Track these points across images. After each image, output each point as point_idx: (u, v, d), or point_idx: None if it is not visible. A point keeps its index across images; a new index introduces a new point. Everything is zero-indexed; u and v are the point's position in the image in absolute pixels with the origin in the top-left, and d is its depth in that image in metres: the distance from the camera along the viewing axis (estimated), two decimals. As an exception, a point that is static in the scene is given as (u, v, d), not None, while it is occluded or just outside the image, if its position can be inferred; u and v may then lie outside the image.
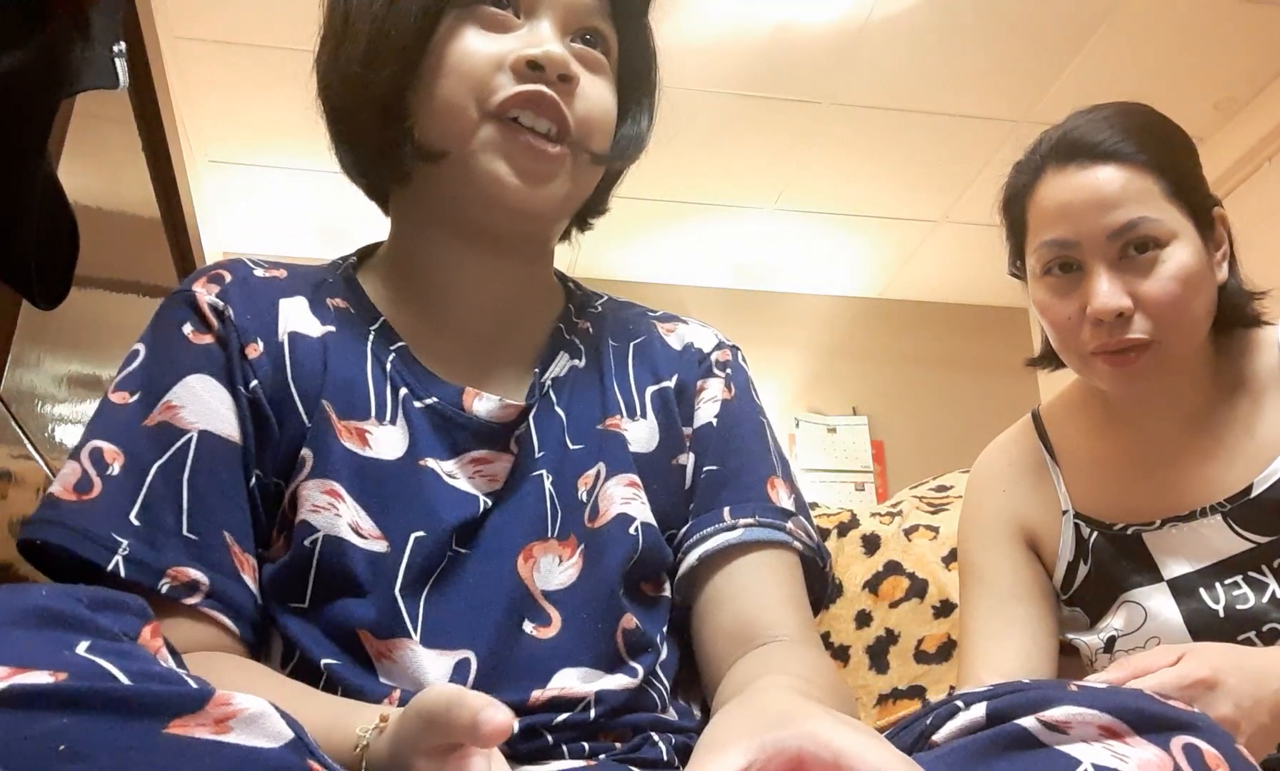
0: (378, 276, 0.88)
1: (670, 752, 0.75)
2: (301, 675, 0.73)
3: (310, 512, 0.74)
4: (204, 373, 0.77)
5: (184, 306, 0.81)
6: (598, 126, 0.82)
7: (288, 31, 3.14)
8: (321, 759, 0.48)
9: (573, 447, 0.83)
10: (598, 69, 0.83)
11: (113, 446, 0.74)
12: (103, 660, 0.45)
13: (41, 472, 1.04)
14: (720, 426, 0.89)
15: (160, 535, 0.71)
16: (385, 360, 0.82)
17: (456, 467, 0.79)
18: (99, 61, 0.90)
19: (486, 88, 0.78)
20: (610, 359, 0.90)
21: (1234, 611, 1.06)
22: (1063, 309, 1.09)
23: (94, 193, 1.15)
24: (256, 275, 0.84)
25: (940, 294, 4.84)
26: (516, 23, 0.80)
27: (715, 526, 0.84)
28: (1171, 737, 0.52)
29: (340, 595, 0.74)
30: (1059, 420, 1.24)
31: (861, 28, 3.22)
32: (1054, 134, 1.12)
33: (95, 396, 1.22)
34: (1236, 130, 3.58)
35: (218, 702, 0.45)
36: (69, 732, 0.42)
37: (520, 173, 0.78)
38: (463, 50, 0.78)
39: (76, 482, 0.72)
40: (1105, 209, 1.05)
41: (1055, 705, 0.53)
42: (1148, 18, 3.16)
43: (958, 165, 3.85)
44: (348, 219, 4.18)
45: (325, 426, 0.77)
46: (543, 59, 0.77)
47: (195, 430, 0.75)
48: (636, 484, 0.82)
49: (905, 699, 1.44)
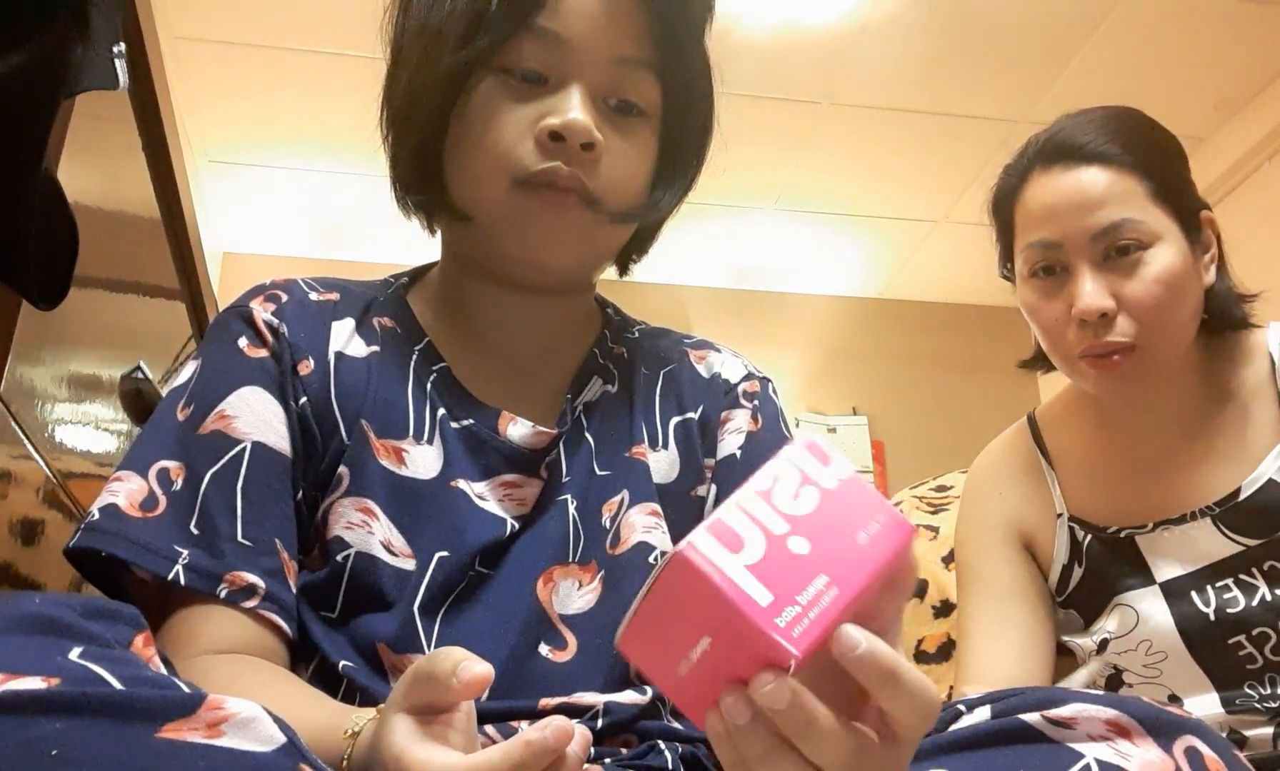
0: (425, 297, 0.91)
1: (676, 760, 0.75)
2: (323, 681, 0.74)
3: (345, 529, 0.76)
4: (258, 385, 0.79)
5: (240, 321, 0.83)
6: (622, 190, 0.82)
7: (288, 31, 3.14)
8: (313, 761, 0.48)
9: (600, 473, 0.84)
10: (629, 131, 0.82)
11: (177, 464, 0.76)
12: (95, 665, 0.45)
13: (41, 472, 1.04)
14: (744, 458, 0.89)
15: (218, 541, 0.73)
16: (426, 380, 0.83)
17: (487, 490, 0.80)
18: (99, 62, 0.90)
19: (510, 159, 0.78)
20: (640, 387, 0.90)
21: (1224, 614, 1.06)
22: (1049, 311, 1.09)
23: (94, 193, 1.15)
24: (311, 298, 0.86)
25: (940, 294, 4.84)
26: (545, 88, 0.79)
27: None
28: (1174, 740, 0.53)
29: (366, 610, 0.75)
30: (1054, 423, 1.24)
31: (861, 28, 3.22)
32: (1041, 137, 1.12)
33: (95, 396, 1.22)
34: (1236, 130, 3.58)
35: (210, 707, 0.45)
36: (61, 738, 0.42)
37: (539, 244, 0.80)
38: (487, 121, 0.79)
39: (143, 501, 0.74)
40: (1089, 210, 1.05)
41: (1061, 704, 0.54)
42: (1148, 18, 3.16)
43: (958, 165, 3.85)
44: (348, 219, 4.20)
45: (363, 445, 0.79)
46: (563, 129, 0.77)
47: (249, 440, 0.77)
48: (658, 513, 0.83)
49: (904, 699, 1.43)
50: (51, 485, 1.06)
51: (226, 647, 0.71)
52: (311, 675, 0.75)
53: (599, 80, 0.80)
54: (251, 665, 0.71)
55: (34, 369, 1.01)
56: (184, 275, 1.62)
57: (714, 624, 0.45)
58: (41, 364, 1.03)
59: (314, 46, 3.20)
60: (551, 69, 0.79)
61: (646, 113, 0.83)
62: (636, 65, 0.81)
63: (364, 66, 0.88)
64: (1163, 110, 1.15)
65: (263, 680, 0.69)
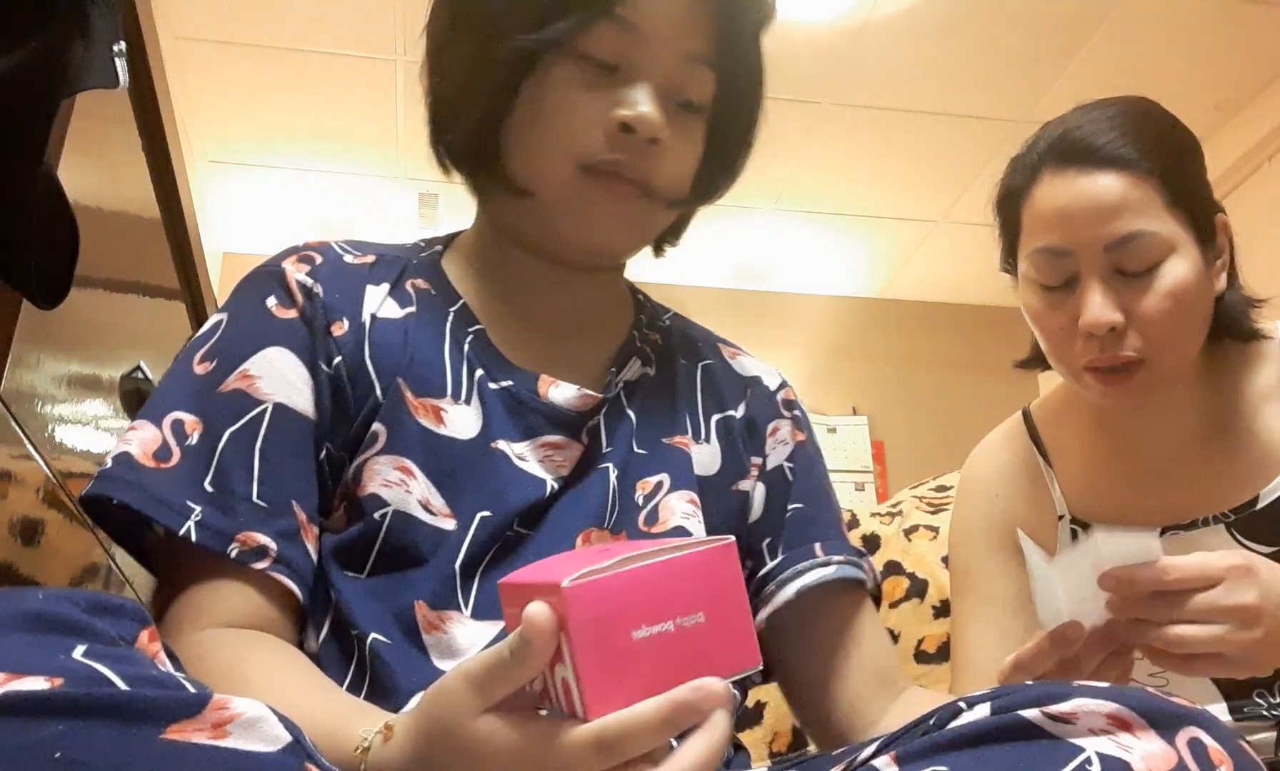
0: (461, 260, 0.91)
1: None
2: (340, 645, 0.74)
3: (381, 487, 0.76)
4: (284, 346, 0.79)
5: (271, 280, 0.83)
6: (678, 183, 0.84)
7: (288, 32, 3.14)
8: (319, 762, 0.48)
9: (638, 451, 0.84)
10: (687, 127, 0.84)
11: (192, 417, 0.76)
12: (99, 665, 0.45)
13: (41, 472, 1.03)
14: (799, 468, 0.93)
15: (232, 501, 0.73)
16: (463, 341, 0.84)
17: (528, 450, 0.81)
18: (99, 61, 0.90)
19: (579, 144, 0.79)
20: (681, 377, 0.92)
21: None
22: (1054, 319, 1.05)
23: (94, 193, 1.15)
24: (346, 260, 0.87)
25: (940, 294, 4.84)
26: (615, 77, 0.80)
27: (809, 562, 0.88)
28: (1177, 732, 0.52)
29: (401, 568, 0.75)
30: (1051, 420, 1.20)
31: (861, 28, 3.22)
32: (1054, 131, 1.07)
33: (95, 396, 1.22)
34: (1236, 130, 3.58)
35: (215, 707, 0.45)
36: (64, 739, 0.42)
37: (596, 229, 0.82)
38: (558, 104, 0.80)
39: (157, 450, 0.74)
40: (1103, 219, 1.00)
41: (1061, 700, 0.53)
42: (1148, 18, 3.16)
43: (958, 165, 3.85)
44: (348, 219, 4.19)
45: (399, 403, 0.79)
46: (635, 122, 0.78)
47: (271, 402, 0.77)
48: (696, 503, 0.84)
49: (905, 699, 1.43)
50: (51, 485, 1.05)
51: (234, 620, 0.71)
52: (325, 637, 0.75)
53: (667, 75, 0.81)
54: (257, 643, 0.71)
55: (34, 369, 1.01)
56: (184, 275, 1.62)
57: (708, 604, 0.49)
58: (41, 364, 1.03)
59: (314, 46, 3.20)
60: (624, 59, 0.80)
61: (700, 108, 0.84)
62: (699, 61, 0.83)
63: (364, 66, 0.88)
64: (1163, 110, 1.13)
65: (268, 661, 0.69)
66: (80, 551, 1.11)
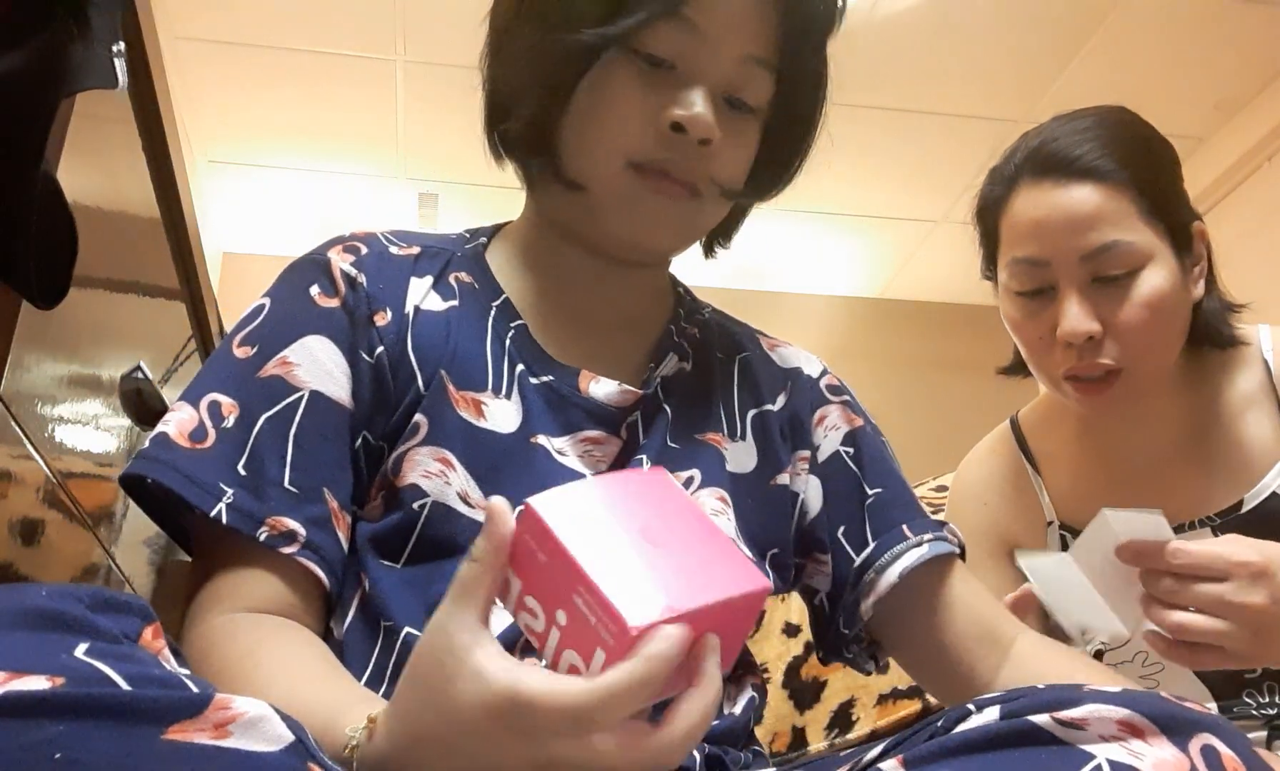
0: (504, 253, 0.91)
1: (701, 763, 0.75)
2: (366, 632, 0.74)
3: (421, 477, 0.76)
4: (324, 335, 0.80)
5: (315, 268, 0.84)
6: (729, 183, 0.84)
7: (288, 31, 3.14)
8: (322, 761, 0.48)
9: (671, 445, 0.85)
10: (739, 128, 0.83)
11: (230, 400, 0.76)
12: (101, 664, 0.45)
13: (41, 472, 1.03)
14: (865, 454, 0.94)
15: (264, 485, 0.74)
16: (505, 336, 0.84)
17: (568, 445, 0.82)
18: (99, 61, 0.90)
19: (630, 141, 0.80)
20: (717, 373, 0.93)
21: None
22: (1033, 328, 1.06)
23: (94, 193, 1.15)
24: (391, 251, 0.87)
25: (940, 294, 4.83)
26: (672, 75, 0.80)
27: (904, 545, 0.89)
28: (1190, 738, 0.51)
29: (437, 558, 0.76)
30: (1039, 427, 1.21)
31: (862, 27, 3.22)
32: (1032, 141, 1.08)
33: (95, 396, 1.22)
34: (1236, 130, 3.58)
35: (217, 707, 0.45)
36: (65, 740, 0.41)
37: (644, 227, 0.83)
38: (613, 100, 0.80)
39: (193, 431, 0.75)
40: (1079, 231, 1.01)
41: (1073, 705, 0.52)
42: (1148, 18, 3.16)
43: (958, 165, 3.85)
44: (348, 219, 4.19)
45: (442, 395, 0.79)
46: (687, 123, 0.78)
47: (307, 389, 0.77)
48: (725, 500, 0.84)
49: (905, 699, 1.43)
50: (51, 485, 1.05)
51: (259, 605, 0.72)
52: (351, 624, 0.75)
53: (724, 76, 0.81)
54: (274, 630, 0.71)
55: (34, 369, 1.01)
56: (184, 275, 1.62)
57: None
58: (41, 364, 1.03)
59: (314, 46, 3.20)
60: (682, 59, 0.80)
61: (755, 109, 0.84)
62: (759, 64, 0.83)
63: (364, 66, 0.88)
64: (1163, 110, 1.13)
65: (282, 649, 0.69)
66: (80, 551, 1.11)
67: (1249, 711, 1.05)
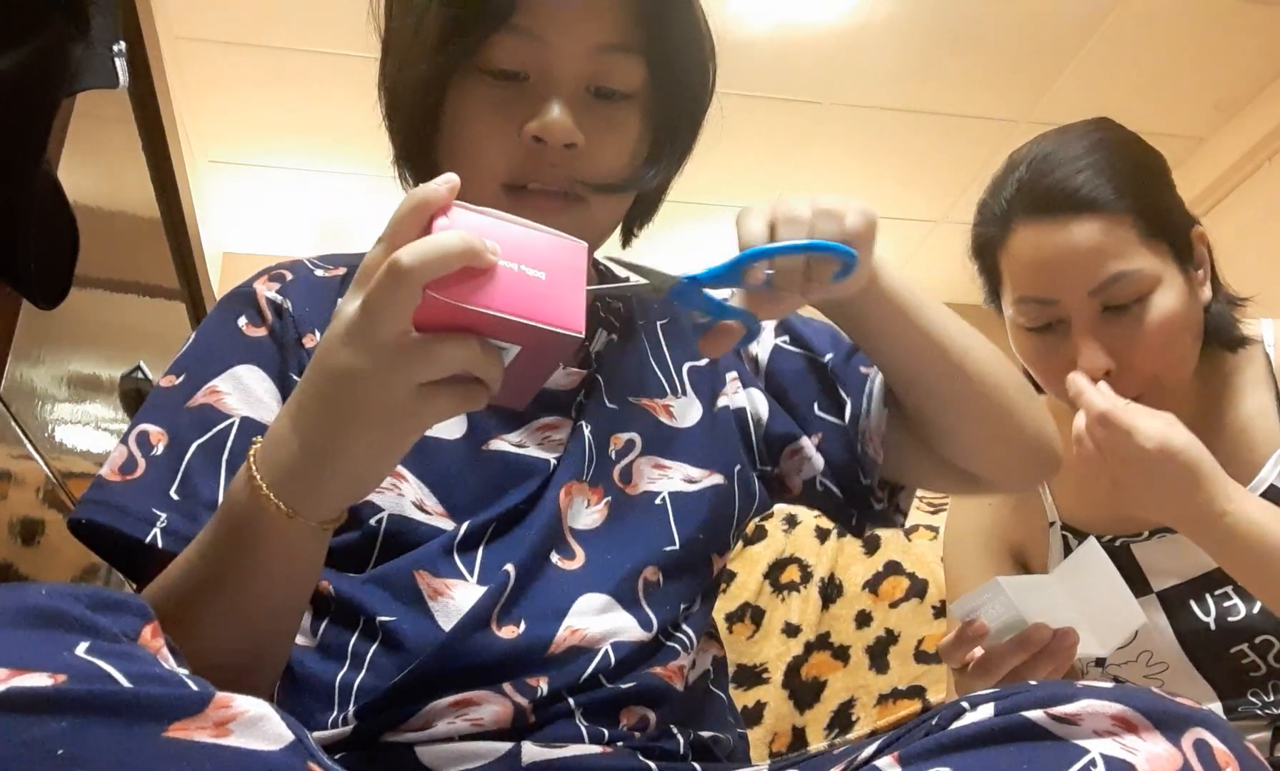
0: None
1: (687, 747, 0.76)
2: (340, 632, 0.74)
3: (374, 493, 0.76)
4: (253, 363, 0.81)
5: (242, 301, 0.85)
6: (604, 178, 0.81)
7: (288, 31, 3.14)
8: (322, 760, 0.48)
9: (609, 406, 0.86)
10: (611, 117, 0.81)
11: (158, 428, 0.77)
12: (102, 662, 0.45)
13: (41, 473, 1.03)
14: (800, 332, 0.95)
15: (198, 508, 0.73)
16: None
17: (525, 437, 0.82)
18: (99, 61, 0.90)
19: (498, 165, 0.79)
20: (644, 337, 0.93)
21: (1225, 623, 1.05)
22: (1049, 363, 1.04)
23: (94, 193, 1.15)
24: (317, 274, 0.89)
25: (940, 294, 4.80)
26: (527, 85, 0.79)
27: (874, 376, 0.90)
28: (1183, 733, 0.52)
29: (403, 554, 0.76)
30: None
31: (861, 28, 3.22)
32: (1023, 174, 1.05)
33: (95, 396, 1.22)
34: (1236, 130, 3.58)
35: (218, 705, 0.45)
36: (67, 737, 0.42)
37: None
38: (472, 124, 0.79)
39: (122, 465, 0.75)
40: (1084, 268, 1.00)
41: (1067, 701, 0.53)
42: (1148, 17, 3.15)
43: (958, 165, 3.85)
44: (348, 219, 4.19)
45: None
46: (543, 133, 0.77)
47: (238, 416, 0.78)
48: (662, 466, 0.85)
49: (905, 699, 1.44)
50: (51, 485, 1.06)
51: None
52: (328, 625, 0.75)
53: (578, 72, 0.79)
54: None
55: (34, 369, 1.01)
56: (184, 275, 1.62)
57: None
58: (41, 364, 1.03)
59: (314, 46, 3.20)
60: (530, 66, 0.78)
61: (630, 95, 0.82)
62: (617, 50, 0.80)
63: (364, 66, 0.88)
64: (1163, 110, 1.13)
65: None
66: (80, 551, 1.11)
67: (1253, 711, 1.05)
